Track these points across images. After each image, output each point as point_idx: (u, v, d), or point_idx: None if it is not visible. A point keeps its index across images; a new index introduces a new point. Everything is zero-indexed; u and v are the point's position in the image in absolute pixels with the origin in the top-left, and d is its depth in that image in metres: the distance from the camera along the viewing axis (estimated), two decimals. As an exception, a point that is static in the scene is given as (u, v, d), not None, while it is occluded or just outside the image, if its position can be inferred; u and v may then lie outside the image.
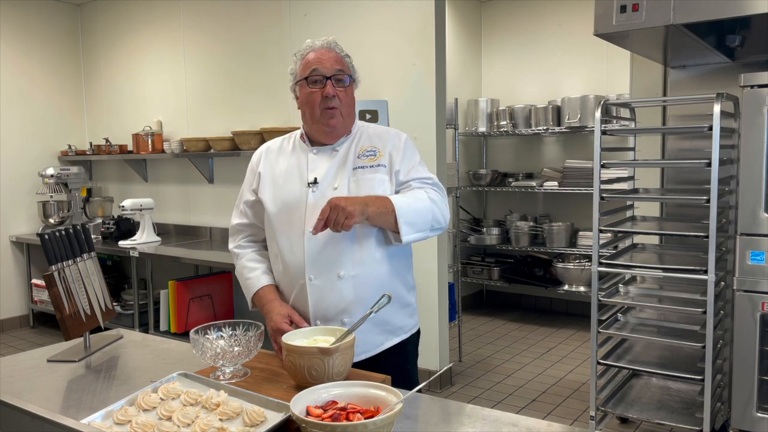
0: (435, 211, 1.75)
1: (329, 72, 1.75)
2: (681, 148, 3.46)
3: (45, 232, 1.85)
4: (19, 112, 5.45)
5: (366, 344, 1.77)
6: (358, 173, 1.77)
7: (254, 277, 1.86)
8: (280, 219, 1.81)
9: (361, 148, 1.82)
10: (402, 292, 1.84)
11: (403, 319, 1.86)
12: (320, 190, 1.77)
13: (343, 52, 1.83)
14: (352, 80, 1.81)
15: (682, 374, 2.83)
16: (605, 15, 2.69)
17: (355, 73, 1.84)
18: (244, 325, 1.65)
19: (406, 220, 1.68)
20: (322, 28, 4.10)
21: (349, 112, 1.81)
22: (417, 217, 1.71)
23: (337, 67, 1.77)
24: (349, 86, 1.80)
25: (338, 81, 1.77)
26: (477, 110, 5.74)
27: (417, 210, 1.71)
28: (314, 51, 1.79)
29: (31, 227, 5.52)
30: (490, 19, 6.04)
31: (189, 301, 4.28)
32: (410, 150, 1.85)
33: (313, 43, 1.81)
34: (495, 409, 1.42)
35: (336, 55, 1.79)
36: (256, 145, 4.30)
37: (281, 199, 1.82)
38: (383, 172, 1.78)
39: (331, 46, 1.81)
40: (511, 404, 3.72)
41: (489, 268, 5.70)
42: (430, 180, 1.82)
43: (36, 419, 1.35)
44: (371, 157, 1.80)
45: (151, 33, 5.25)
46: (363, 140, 1.84)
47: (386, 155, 1.80)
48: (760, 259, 2.61)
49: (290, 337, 1.53)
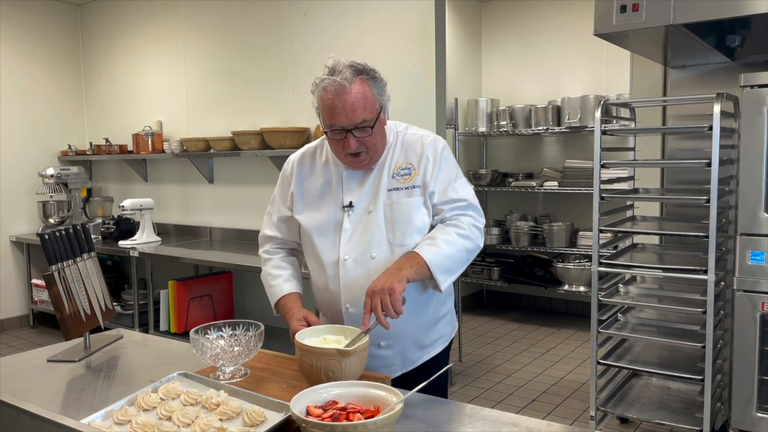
0: (468, 246, 1.69)
1: (349, 126, 1.61)
2: (681, 148, 3.46)
3: (45, 232, 1.85)
4: (19, 112, 5.44)
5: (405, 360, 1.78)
6: (392, 196, 1.71)
7: (276, 285, 1.81)
8: (316, 241, 1.77)
9: (396, 166, 1.74)
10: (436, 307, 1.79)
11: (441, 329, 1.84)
12: (356, 213, 1.73)
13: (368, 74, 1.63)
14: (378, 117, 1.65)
15: (682, 374, 2.83)
16: (605, 15, 2.69)
17: (383, 93, 1.67)
18: (244, 325, 1.65)
19: (441, 271, 1.64)
20: (322, 28, 4.10)
21: (378, 147, 1.70)
22: (451, 263, 1.66)
23: (359, 120, 1.60)
24: (377, 125, 1.65)
25: (362, 130, 1.63)
26: (477, 110, 5.74)
27: (449, 256, 1.65)
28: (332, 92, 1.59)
29: (31, 227, 5.52)
30: (490, 19, 6.04)
31: (189, 301, 4.28)
32: (446, 163, 1.75)
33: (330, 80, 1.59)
34: (495, 409, 1.42)
35: (355, 100, 1.59)
36: (256, 145, 4.30)
37: (316, 220, 1.77)
38: (418, 194, 1.71)
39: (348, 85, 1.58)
40: (511, 404, 3.72)
41: (489, 268, 5.70)
42: (464, 202, 1.73)
43: (36, 419, 1.35)
44: (406, 177, 1.72)
45: (151, 33, 5.25)
46: (398, 154, 1.75)
47: (421, 173, 1.72)
48: (760, 259, 2.61)
49: (301, 336, 1.51)
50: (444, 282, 1.66)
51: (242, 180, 4.78)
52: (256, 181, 4.66)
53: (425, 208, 1.72)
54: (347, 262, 1.71)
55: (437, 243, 1.65)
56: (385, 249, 1.70)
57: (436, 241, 1.66)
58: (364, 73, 1.63)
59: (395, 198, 1.71)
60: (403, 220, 1.70)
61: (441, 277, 1.64)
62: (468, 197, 1.75)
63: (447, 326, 1.87)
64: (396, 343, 1.73)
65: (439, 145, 1.76)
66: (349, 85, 1.59)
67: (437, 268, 1.63)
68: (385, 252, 1.70)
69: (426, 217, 1.72)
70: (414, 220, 1.70)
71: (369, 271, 1.69)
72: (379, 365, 1.73)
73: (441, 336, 1.84)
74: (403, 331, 1.70)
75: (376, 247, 1.70)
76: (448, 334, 1.87)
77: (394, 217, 1.70)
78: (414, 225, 1.71)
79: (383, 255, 1.70)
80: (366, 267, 1.70)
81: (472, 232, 1.71)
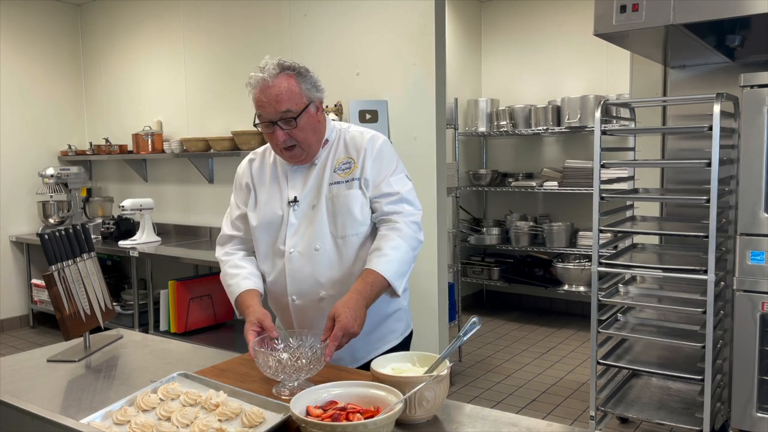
0: (412, 244, 1.75)
1: (274, 116, 1.68)
2: (681, 148, 3.46)
3: (45, 232, 1.85)
4: (19, 112, 5.44)
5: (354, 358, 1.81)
6: (333, 190, 1.78)
7: (234, 283, 1.83)
8: (263, 235, 1.85)
9: (337, 160, 1.81)
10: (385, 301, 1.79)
11: (391, 324, 1.88)
12: (300, 208, 1.80)
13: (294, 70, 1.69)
14: (306, 109, 1.70)
15: (682, 374, 2.83)
16: (605, 15, 2.69)
17: (313, 90, 1.72)
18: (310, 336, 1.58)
19: (396, 277, 1.70)
20: (322, 28, 4.10)
21: (310, 142, 1.75)
22: (403, 267, 1.72)
23: (282, 109, 1.66)
24: (303, 117, 1.70)
25: (287, 122, 1.68)
26: (477, 110, 5.74)
27: (401, 261, 1.71)
28: (257, 87, 1.68)
29: (31, 227, 5.52)
30: (490, 19, 6.04)
31: (189, 301, 4.28)
32: (385, 157, 1.80)
33: (256, 76, 1.68)
34: (495, 409, 1.42)
35: (278, 91, 1.66)
36: (256, 145, 4.30)
37: (264, 217, 1.84)
38: (356, 186, 1.77)
39: (272, 79, 1.66)
40: (511, 404, 3.72)
41: (489, 268, 5.70)
42: (395, 196, 1.78)
43: (36, 419, 1.35)
44: (346, 171, 1.79)
45: (151, 33, 5.25)
46: (340, 149, 1.82)
47: (359, 166, 1.78)
48: (760, 259, 2.61)
49: None
50: (400, 287, 1.72)
51: (242, 180, 4.77)
52: (256, 181, 4.65)
53: (364, 198, 1.78)
54: (293, 255, 1.78)
55: (385, 252, 1.70)
56: (328, 241, 1.77)
57: (384, 251, 1.70)
58: (290, 69, 1.70)
59: (336, 191, 1.78)
60: (343, 212, 1.77)
61: (397, 283, 1.70)
62: (401, 191, 1.78)
63: (398, 322, 1.90)
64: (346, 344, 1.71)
65: (378, 141, 1.82)
66: (272, 79, 1.66)
67: (392, 275, 1.68)
68: (328, 244, 1.77)
69: (366, 207, 1.78)
70: (354, 212, 1.76)
71: (313, 263, 1.77)
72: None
73: (392, 331, 1.88)
74: None
75: (320, 240, 1.77)
76: (401, 330, 1.91)
77: (335, 210, 1.77)
78: (354, 217, 1.77)
79: (327, 247, 1.77)
80: (310, 259, 1.77)
81: (411, 228, 1.76)
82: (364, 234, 1.80)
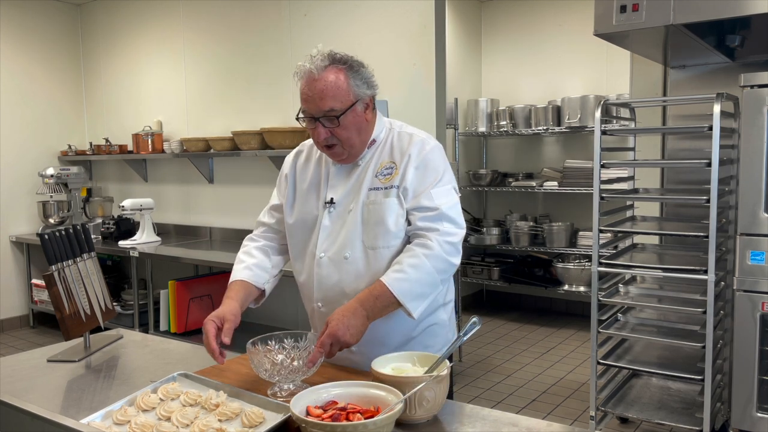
0: (439, 266, 1.59)
1: (317, 113, 1.58)
2: (681, 148, 3.46)
3: (45, 232, 1.85)
4: (19, 112, 5.44)
5: None
6: (371, 195, 1.66)
7: (236, 270, 1.80)
8: (297, 235, 1.77)
9: (381, 164, 1.69)
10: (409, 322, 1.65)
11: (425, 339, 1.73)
12: (336, 211, 1.70)
13: (345, 63, 1.61)
14: (352, 107, 1.60)
15: (682, 374, 2.82)
16: (605, 15, 2.69)
17: (364, 86, 1.63)
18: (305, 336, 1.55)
19: (410, 298, 1.56)
20: (322, 28, 4.10)
21: (353, 143, 1.64)
22: (422, 288, 1.58)
23: (326, 107, 1.56)
24: (348, 116, 1.60)
25: (330, 119, 1.59)
26: (477, 110, 5.74)
27: (418, 281, 1.56)
28: (303, 78, 1.59)
29: (31, 227, 5.51)
30: (490, 19, 6.04)
31: (189, 301, 4.28)
32: (430, 165, 1.67)
33: (304, 67, 1.59)
34: (495, 409, 1.42)
35: (324, 87, 1.56)
36: (256, 145, 4.30)
37: (299, 215, 1.77)
38: (394, 194, 1.65)
39: (319, 72, 1.56)
40: (511, 404, 3.72)
41: (489, 268, 5.70)
42: (435, 211, 1.63)
43: (36, 419, 1.35)
44: (387, 177, 1.67)
45: (151, 33, 5.25)
46: (386, 151, 1.71)
47: (401, 172, 1.66)
48: (760, 259, 2.61)
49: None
50: (416, 309, 1.57)
51: (242, 180, 4.78)
52: (256, 181, 4.66)
53: (400, 209, 1.65)
54: (323, 260, 1.70)
55: (403, 269, 1.57)
56: (359, 250, 1.66)
57: (402, 266, 1.57)
58: (341, 62, 1.60)
59: (373, 198, 1.67)
60: (377, 221, 1.65)
61: (411, 305, 1.56)
62: (441, 206, 1.64)
63: (433, 338, 1.74)
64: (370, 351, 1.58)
65: (426, 146, 1.69)
66: (320, 72, 1.56)
67: (403, 294, 1.54)
68: (358, 253, 1.66)
69: (401, 218, 1.65)
70: (387, 223, 1.64)
71: (341, 271, 1.67)
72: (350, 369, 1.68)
73: (426, 347, 1.70)
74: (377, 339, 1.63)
75: (350, 248, 1.67)
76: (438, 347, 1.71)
77: (370, 219, 1.66)
78: (387, 228, 1.64)
79: (357, 256, 1.66)
80: (339, 267, 1.68)
81: (444, 249, 1.60)
82: (396, 247, 1.66)
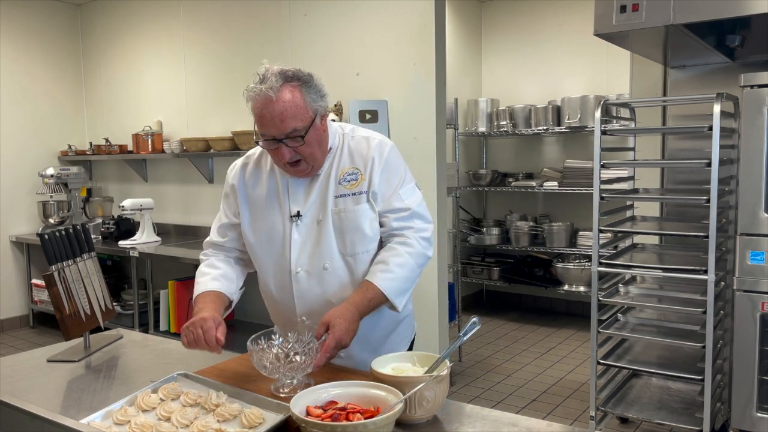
0: (420, 261, 1.68)
1: (279, 135, 1.55)
2: (681, 148, 3.46)
3: (45, 232, 1.85)
4: (20, 112, 5.44)
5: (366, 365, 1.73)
6: (339, 203, 1.68)
7: (201, 282, 1.75)
8: (263, 252, 1.75)
9: (342, 171, 1.69)
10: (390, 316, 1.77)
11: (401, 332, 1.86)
12: (304, 223, 1.69)
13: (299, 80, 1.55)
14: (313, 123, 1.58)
15: (682, 374, 2.83)
16: (605, 15, 2.69)
17: (319, 100, 1.59)
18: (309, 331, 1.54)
19: (397, 295, 1.64)
20: (322, 28, 4.10)
21: (316, 156, 1.64)
22: (407, 284, 1.67)
23: (288, 129, 1.54)
24: (310, 132, 1.58)
25: (293, 139, 1.56)
26: (477, 110, 5.74)
27: (404, 278, 1.65)
28: (260, 102, 1.53)
29: (31, 227, 5.51)
30: (490, 19, 6.04)
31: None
32: (393, 168, 1.70)
33: (258, 89, 1.53)
34: (495, 409, 1.42)
35: (283, 108, 1.52)
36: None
37: (262, 231, 1.73)
38: (365, 200, 1.68)
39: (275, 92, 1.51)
40: (511, 404, 3.72)
41: (489, 268, 5.70)
42: (407, 212, 1.69)
43: (36, 419, 1.35)
44: (353, 183, 1.68)
45: (151, 33, 5.25)
46: (345, 158, 1.71)
47: (367, 177, 1.68)
48: (760, 259, 2.61)
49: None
50: (401, 304, 1.66)
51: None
52: (256, 181, 4.65)
53: (373, 213, 1.69)
54: (299, 275, 1.69)
55: (391, 269, 1.63)
56: (337, 259, 1.69)
57: (389, 266, 1.64)
58: (294, 79, 1.56)
59: (342, 206, 1.67)
60: (352, 229, 1.67)
61: (398, 300, 1.65)
62: (412, 205, 1.70)
63: (407, 329, 1.88)
64: (356, 354, 1.70)
65: (385, 148, 1.71)
66: (276, 93, 1.52)
67: (394, 293, 1.63)
68: (338, 262, 1.69)
69: (375, 222, 1.70)
70: (364, 228, 1.68)
71: (323, 283, 1.69)
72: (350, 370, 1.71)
73: (402, 339, 1.86)
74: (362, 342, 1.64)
75: (328, 258, 1.68)
76: (409, 335, 1.89)
77: (344, 227, 1.67)
78: (364, 233, 1.68)
79: (336, 265, 1.69)
80: (319, 278, 1.69)
81: (422, 245, 1.69)
82: (374, 250, 1.71)
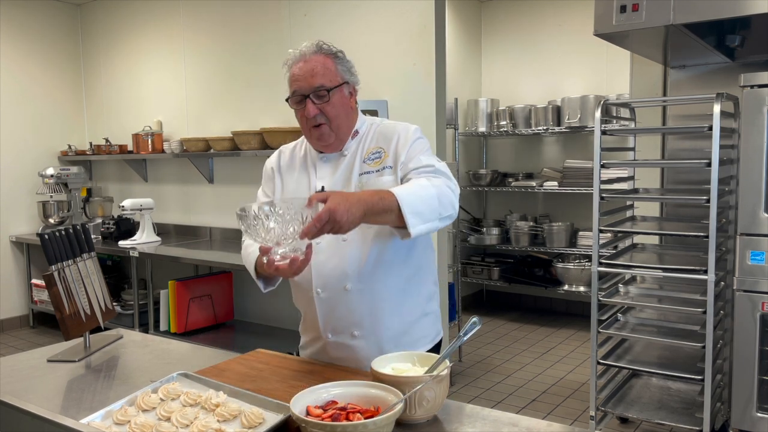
0: (441, 197, 1.58)
1: (307, 90, 1.67)
2: (681, 148, 3.46)
3: (45, 232, 1.85)
4: (20, 112, 5.44)
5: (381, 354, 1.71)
6: (363, 180, 1.70)
7: (252, 252, 1.76)
8: None
9: (367, 151, 1.74)
10: (419, 302, 1.76)
11: (424, 327, 1.79)
12: None
13: (331, 52, 1.72)
14: (340, 87, 1.69)
15: (682, 374, 2.83)
16: (605, 15, 2.69)
17: (348, 73, 1.73)
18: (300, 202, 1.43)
19: (411, 211, 1.50)
20: (322, 28, 4.10)
21: (340, 123, 1.71)
22: (423, 206, 1.53)
23: (316, 84, 1.66)
24: (336, 95, 1.69)
25: (319, 97, 1.67)
26: (477, 110, 5.74)
27: (422, 198, 1.54)
28: (295, 63, 1.70)
29: (31, 227, 5.52)
30: (490, 19, 6.04)
31: (189, 301, 4.28)
32: (416, 141, 1.72)
33: (295, 53, 1.71)
34: (495, 409, 1.42)
35: (314, 66, 1.68)
36: (256, 145, 4.30)
37: None
38: (389, 173, 1.69)
39: (309, 55, 1.69)
40: (511, 404, 3.72)
41: (489, 268, 5.70)
42: (430, 168, 1.66)
43: (36, 419, 1.35)
44: (376, 161, 1.72)
45: (151, 33, 5.25)
46: (370, 141, 1.76)
47: (391, 155, 1.71)
48: (760, 259, 2.61)
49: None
50: (415, 225, 1.51)
51: (242, 180, 4.78)
52: (256, 181, 4.61)
53: (397, 183, 1.68)
54: (319, 245, 1.69)
55: (410, 186, 1.57)
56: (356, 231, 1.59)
57: (410, 184, 1.59)
58: (328, 51, 1.72)
59: (366, 181, 1.70)
60: None
61: (412, 220, 1.50)
62: (435, 164, 1.67)
63: (431, 327, 1.82)
64: (371, 334, 1.69)
65: (411, 128, 1.76)
66: (310, 55, 1.69)
67: (407, 205, 1.49)
68: (356, 234, 1.64)
69: None
70: None
71: (340, 254, 1.69)
72: (353, 356, 1.70)
73: (424, 336, 1.78)
74: (380, 323, 1.68)
75: None
76: (432, 336, 1.81)
77: None
78: None
79: (355, 237, 1.67)
80: (337, 250, 1.69)
81: (448, 187, 1.63)
82: None
